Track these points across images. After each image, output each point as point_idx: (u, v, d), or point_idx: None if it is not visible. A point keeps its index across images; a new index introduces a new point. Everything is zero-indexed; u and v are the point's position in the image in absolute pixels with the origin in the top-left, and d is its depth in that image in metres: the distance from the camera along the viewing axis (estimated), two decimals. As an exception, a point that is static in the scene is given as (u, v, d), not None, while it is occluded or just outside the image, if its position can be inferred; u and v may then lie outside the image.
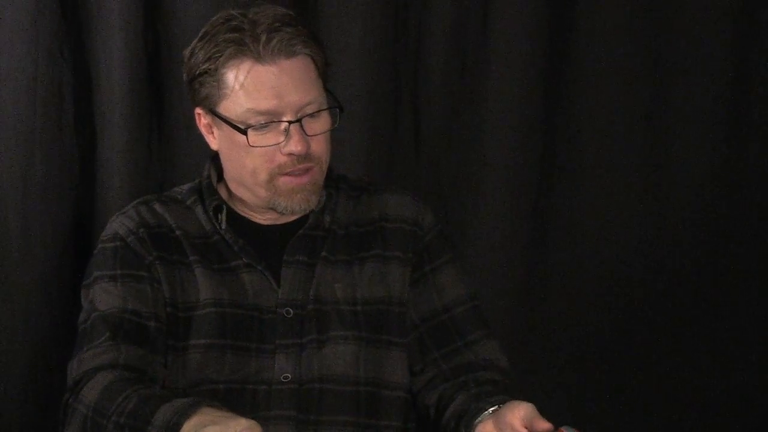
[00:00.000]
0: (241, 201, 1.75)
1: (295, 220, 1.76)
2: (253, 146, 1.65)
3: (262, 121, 1.64)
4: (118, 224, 1.73)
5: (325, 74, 1.72)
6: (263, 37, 1.63)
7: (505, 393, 1.64)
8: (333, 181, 1.79)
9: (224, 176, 1.77)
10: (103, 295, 1.69)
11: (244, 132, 1.65)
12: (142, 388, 1.58)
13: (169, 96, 2.36)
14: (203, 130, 1.74)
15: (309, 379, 1.66)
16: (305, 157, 1.66)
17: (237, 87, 1.64)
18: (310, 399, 1.66)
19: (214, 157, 1.79)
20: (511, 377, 1.76)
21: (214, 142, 1.73)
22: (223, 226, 1.73)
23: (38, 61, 2.32)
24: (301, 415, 1.65)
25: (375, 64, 2.37)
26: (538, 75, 2.38)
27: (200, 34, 1.69)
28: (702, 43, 2.36)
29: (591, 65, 2.38)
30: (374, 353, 1.69)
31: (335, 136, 2.30)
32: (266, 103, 1.63)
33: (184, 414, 1.48)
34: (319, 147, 1.68)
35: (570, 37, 2.38)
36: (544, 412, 2.40)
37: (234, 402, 1.61)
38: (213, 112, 1.68)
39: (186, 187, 1.82)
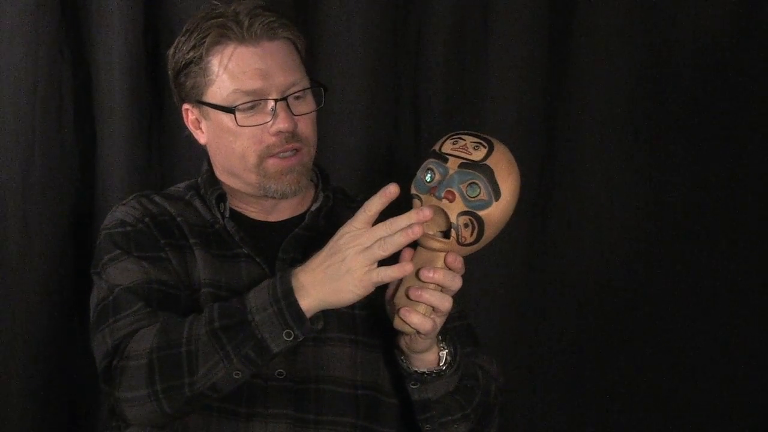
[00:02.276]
0: (235, 195, 1.76)
1: (288, 220, 1.77)
2: (241, 126, 1.65)
3: (248, 102, 1.66)
4: (121, 213, 1.74)
5: (304, 59, 1.73)
6: (245, 21, 1.67)
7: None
8: (331, 189, 1.80)
9: (215, 171, 1.78)
10: (123, 273, 1.66)
11: (232, 111, 1.65)
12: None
13: (169, 96, 2.35)
14: (191, 127, 1.75)
15: (305, 379, 1.66)
16: (293, 136, 1.67)
17: (222, 71, 1.67)
18: (308, 398, 1.66)
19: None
20: (499, 382, 1.76)
21: (202, 136, 1.75)
22: (227, 215, 1.74)
23: (38, 61, 2.32)
24: (299, 414, 1.65)
25: (375, 64, 2.37)
26: (538, 75, 2.38)
27: (183, 31, 1.72)
28: (702, 43, 2.36)
29: (591, 65, 2.38)
30: (372, 358, 1.69)
31: (335, 136, 2.32)
32: (252, 83, 1.66)
33: (286, 277, 1.51)
34: (306, 128, 1.70)
35: (570, 37, 2.38)
36: (543, 411, 2.41)
37: (231, 395, 1.62)
38: (200, 103, 1.70)
39: (183, 185, 1.83)
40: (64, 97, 2.35)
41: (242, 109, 1.66)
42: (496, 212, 1.51)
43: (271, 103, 1.66)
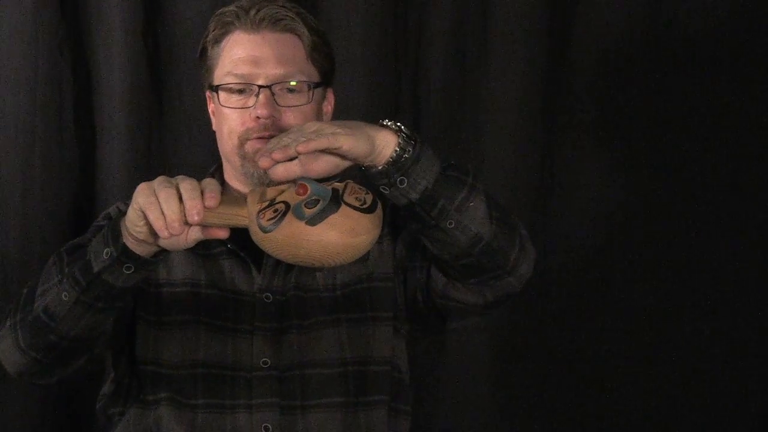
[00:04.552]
0: (233, 186, 1.77)
1: None
2: (223, 106, 1.70)
3: (234, 84, 1.69)
4: (113, 208, 1.81)
5: (320, 59, 1.73)
6: (252, 10, 1.71)
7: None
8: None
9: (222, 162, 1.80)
10: None
11: (215, 90, 1.70)
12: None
13: (169, 96, 2.36)
14: (210, 113, 1.79)
15: (289, 366, 1.67)
16: (273, 125, 1.69)
17: (224, 55, 1.72)
18: (293, 384, 1.67)
19: None
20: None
21: (214, 122, 1.78)
22: None
23: (38, 61, 2.33)
24: (284, 402, 1.66)
25: (375, 63, 2.37)
26: (538, 75, 2.38)
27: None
28: (702, 43, 2.36)
29: (591, 65, 2.38)
30: (359, 332, 1.70)
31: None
32: (242, 68, 1.70)
33: (115, 222, 1.51)
34: (294, 120, 1.71)
35: (570, 37, 2.39)
36: (542, 410, 2.41)
37: (216, 389, 1.63)
38: (209, 87, 1.74)
39: None
40: (64, 97, 2.35)
41: (226, 89, 1.69)
42: (298, 231, 1.41)
43: (256, 88, 1.68)
